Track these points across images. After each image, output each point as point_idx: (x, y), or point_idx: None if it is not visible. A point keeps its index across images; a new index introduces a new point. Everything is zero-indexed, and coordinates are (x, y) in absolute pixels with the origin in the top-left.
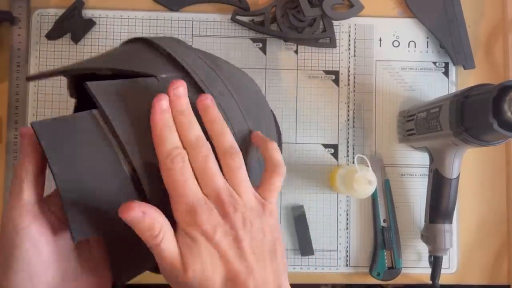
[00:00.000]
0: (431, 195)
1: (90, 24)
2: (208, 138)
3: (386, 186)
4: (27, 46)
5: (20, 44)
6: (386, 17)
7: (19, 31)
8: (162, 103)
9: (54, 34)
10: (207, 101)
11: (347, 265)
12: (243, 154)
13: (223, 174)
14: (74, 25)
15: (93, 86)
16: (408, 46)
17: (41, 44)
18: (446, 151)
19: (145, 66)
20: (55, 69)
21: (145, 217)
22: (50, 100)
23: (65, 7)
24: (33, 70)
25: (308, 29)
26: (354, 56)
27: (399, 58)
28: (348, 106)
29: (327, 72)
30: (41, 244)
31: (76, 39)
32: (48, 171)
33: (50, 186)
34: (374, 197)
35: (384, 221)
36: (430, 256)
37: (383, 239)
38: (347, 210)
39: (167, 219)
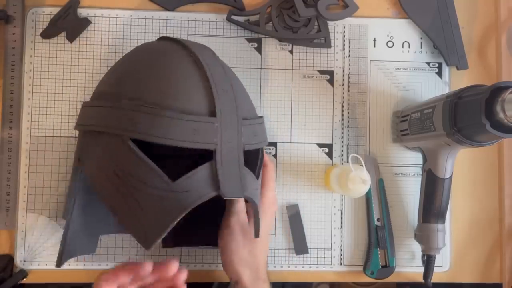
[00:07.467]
0: (424, 194)
1: (85, 23)
2: None
3: (380, 185)
4: (22, 45)
5: (15, 43)
6: (381, 18)
7: (14, 29)
8: None
9: (49, 33)
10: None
11: (341, 264)
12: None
13: None
14: (69, 24)
15: None
16: (402, 47)
17: (36, 43)
18: (439, 151)
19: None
20: None
21: None
22: (45, 99)
23: (60, 6)
24: (27, 68)
25: (303, 29)
26: (349, 56)
27: (393, 59)
28: (343, 106)
29: (322, 72)
30: None
31: (71, 38)
32: None
33: None
34: (368, 196)
35: (378, 220)
36: (423, 255)
37: (377, 238)
38: (342, 209)
39: None
